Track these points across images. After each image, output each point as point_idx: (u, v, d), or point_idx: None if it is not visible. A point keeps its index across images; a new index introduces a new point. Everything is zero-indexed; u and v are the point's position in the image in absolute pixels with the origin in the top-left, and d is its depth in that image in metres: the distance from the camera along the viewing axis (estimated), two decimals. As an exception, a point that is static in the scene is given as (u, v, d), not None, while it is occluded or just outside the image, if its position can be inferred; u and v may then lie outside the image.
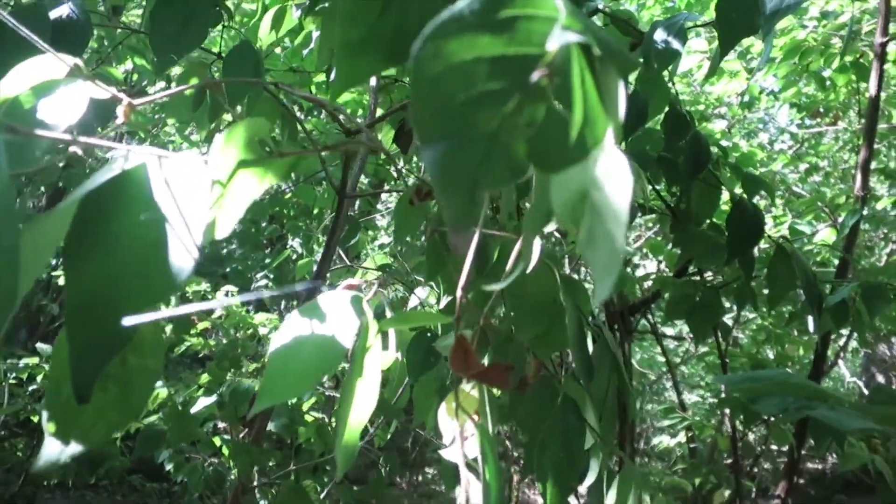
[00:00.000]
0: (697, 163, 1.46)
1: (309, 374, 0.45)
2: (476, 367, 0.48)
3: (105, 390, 0.39)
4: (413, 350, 1.30)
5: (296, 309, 0.49)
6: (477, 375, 0.49)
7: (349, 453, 0.48)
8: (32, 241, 0.40)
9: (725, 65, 3.02)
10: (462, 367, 0.48)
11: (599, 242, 0.28)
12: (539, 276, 0.65)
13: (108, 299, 0.37)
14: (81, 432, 0.38)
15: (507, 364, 0.50)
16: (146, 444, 2.14)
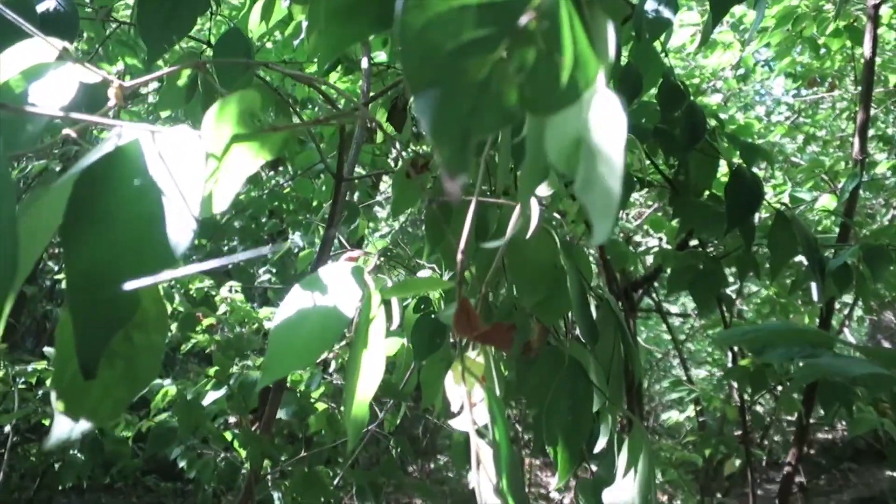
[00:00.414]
0: (694, 133, 1.46)
1: (313, 345, 0.45)
2: (479, 328, 0.48)
3: (112, 367, 0.39)
4: (418, 332, 1.30)
5: (297, 283, 0.49)
6: (480, 337, 0.49)
7: (359, 425, 0.48)
8: (29, 222, 0.40)
9: (719, 36, 3.00)
10: (465, 328, 0.48)
11: (596, 185, 0.28)
12: (539, 242, 0.64)
13: (107, 275, 0.37)
14: (90, 409, 0.39)
15: (509, 324, 0.50)
16: (158, 441, 2.15)
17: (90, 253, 0.38)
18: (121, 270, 0.37)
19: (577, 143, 0.30)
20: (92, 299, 0.37)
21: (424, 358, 1.29)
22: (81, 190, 0.39)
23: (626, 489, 0.63)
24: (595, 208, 0.28)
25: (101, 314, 0.37)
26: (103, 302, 0.37)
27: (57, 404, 0.39)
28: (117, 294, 0.37)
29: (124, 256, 0.37)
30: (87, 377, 0.36)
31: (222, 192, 0.43)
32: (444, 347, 1.36)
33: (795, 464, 2.09)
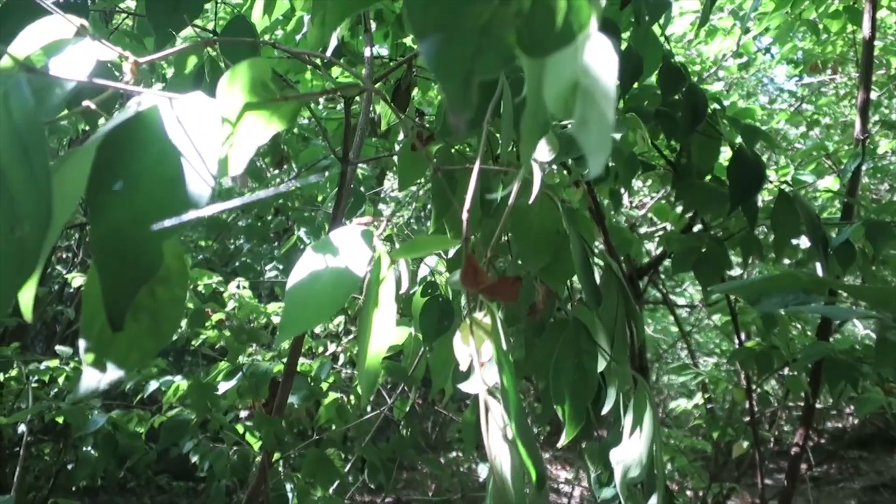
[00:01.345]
0: (695, 114, 1.48)
1: (325, 304, 0.47)
2: (485, 282, 0.50)
3: (137, 320, 0.41)
4: (426, 315, 1.32)
5: (309, 246, 0.51)
6: (486, 290, 0.51)
7: (371, 379, 0.50)
8: (56, 186, 0.42)
9: (719, 23, 3.01)
10: (472, 283, 0.50)
11: (591, 123, 0.30)
12: (541, 209, 0.66)
13: (132, 234, 0.39)
14: (117, 359, 0.41)
15: (514, 277, 0.51)
16: (170, 433, 2.18)
17: (115, 213, 0.40)
18: (145, 228, 0.39)
19: (573, 87, 0.32)
20: (118, 256, 0.39)
21: (433, 341, 1.31)
22: (104, 154, 0.41)
23: (632, 448, 0.65)
24: (590, 144, 0.30)
25: (127, 269, 0.39)
26: (129, 258, 0.39)
27: (85, 357, 0.41)
28: (142, 250, 0.39)
29: (147, 215, 0.39)
30: (115, 329, 0.38)
31: (237, 156, 0.45)
32: (451, 330, 1.38)
33: (803, 444, 2.11)
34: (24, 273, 0.32)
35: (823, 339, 1.86)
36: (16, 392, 2.66)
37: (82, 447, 2.66)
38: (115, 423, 2.28)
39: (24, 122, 0.33)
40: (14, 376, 2.61)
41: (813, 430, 5.54)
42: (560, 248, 0.66)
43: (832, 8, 2.18)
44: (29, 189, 0.32)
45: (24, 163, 0.32)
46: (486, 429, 0.53)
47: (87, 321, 0.41)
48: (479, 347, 0.54)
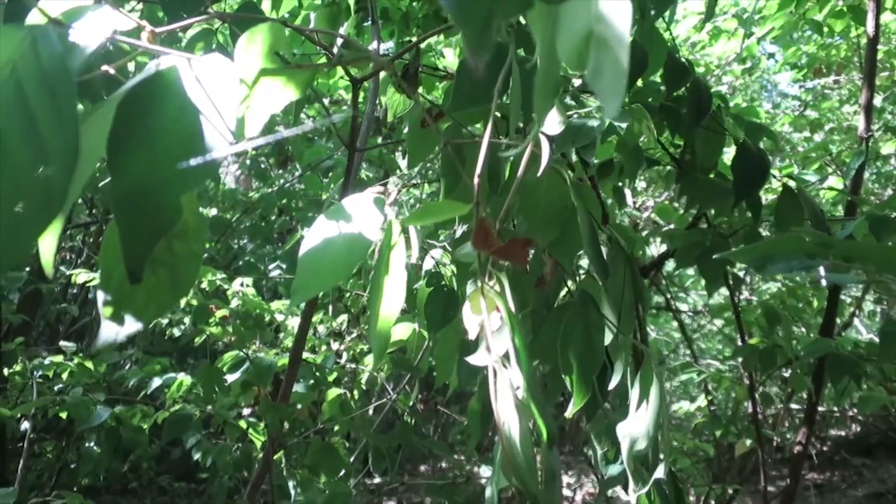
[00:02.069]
0: (700, 108, 1.48)
1: (339, 267, 0.48)
2: (496, 244, 0.50)
3: (155, 274, 0.42)
4: (431, 305, 1.33)
5: (322, 213, 0.52)
6: (497, 251, 0.51)
7: (383, 340, 0.50)
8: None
9: (723, 24, 3.02)
10: (483, 244, 0.51)
11: (605, 70, 0.31)
12: (550, 183, 0.67)
13: (152, 188, 0.40)
14: (136, 312, 0.41)
15: (524, 239, 0.52)
16: (174, 427, 2.19)
17: (135, 168, 0.40)
18: (164, 182, 0.40)
19: (586, 39, 0.33)
20: (137, 209, 0.40)
21: (438, 330, 1.32)
22: (124, 111, 0.41)
23: (639, 421, 0.65)
24: (605, 90, 0.30)
25: (146, 222, 0.39)
26: (148, 211, 0.39)
27: (104, 310, 0.41)
28: (161, 203, 0.40)
29: (167, 169, 0.40)
30: (133, 282, 0.39)
31: (254, 119, 0.46)
32: (456, 321, 1.38)
33: (806, 443, 2.11)
34: (50, 213, 0.32)
35: (826, 336, 1.86)
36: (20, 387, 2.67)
37: (85, 443, 2.67)
38: (118, 418, 2.29)
39: (52, 67, 0.33)
40: (18, 371, 2.62)
41: (816, 437, 5.52)
42: (568, 223, 0.66)
43: (836, 8, 2.19)
44: (57, 130, 0.33)
45: (53, 105, 0.33)
46: (495, 395, 0.54)
47: (105, 275, 0.42)
48: (489, 314, 0.54)
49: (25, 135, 0.32)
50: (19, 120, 0.32)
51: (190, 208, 0.43)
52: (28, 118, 0.32)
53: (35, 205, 0.32)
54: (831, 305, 2.03)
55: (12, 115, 0.32)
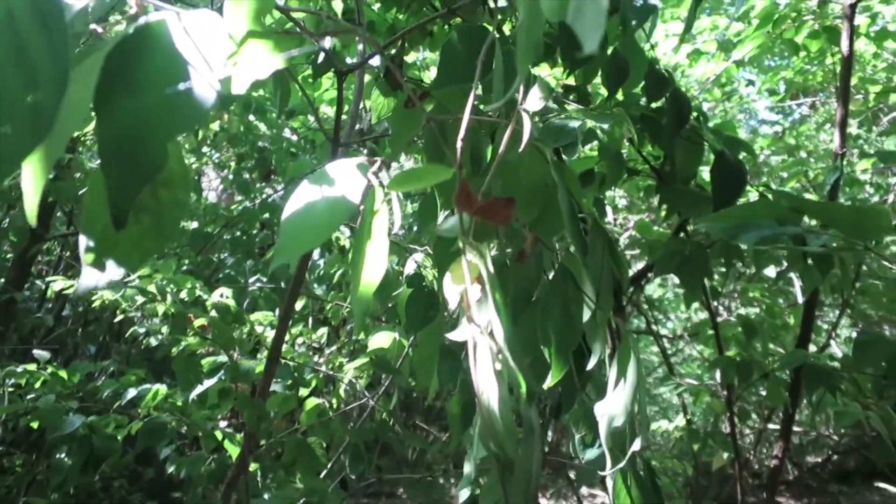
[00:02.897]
0: (680, 118, 1.51)
1: (321, 229, 0.48)
2: (478, 204, 0.51)
3: (139, 221, 0.42)
4: (412, 305, 1.33)
5: (306, 179, 0.52)
6: (480, 211, 0.52)
7: (364, 305, 0.51)
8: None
9: (703, 46, 3.08)
10: (465, 204, 0.51)
11: (586, 10, 0.32)
12: (531, 162, 0.68)
13: (139, 134, 0.40)
14: (119, 258, 0.41)
15: (506, 198, 0.53)
16: (148, 436, 2.15)
17: (122, 115, 0.41)
18: (151, 129, 0.40)
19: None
20: (124, 154, 0.40)
21: (418, 330, 1.32)
22: (113, 60, 0.42)
23: (616, 399, 0.66)
24: (585, 28, 0.31)
25: (132, 167, 0.40)
26: (134, 156, 0.40)
27: (86, 257, 0.41)
28: (147, 149, 0.40)
29: (154, 116, 0.40)
30: (118, 227, 0.39)
31: (240, 77, 0.47)
32: (437, 321, 1.38)
33: (782, 457, 2.12)
34: (38, 136, 0.33)
35: (802, 347, 1.88)
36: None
37: (56, 454, 2.61)
38: (91, 426, 2.25)
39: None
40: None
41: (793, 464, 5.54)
42: (549, 202, 0.67)
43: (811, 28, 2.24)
44: (47, 55, 0.33)
45: (44, 31, 0.33)
46: (474, 365, 0.54)
47: (88, 221, 0.42)
48: (471, 285, 0.55)
49: (16, 61, 0.32)
50: (10, 46, 0.32)
51: (175, 157, 0.43)
52: (19, 45, 0.32)
53: (23, 128, 0.32)
54: (807, 319, 2.06)
55: (3, 41, 0.32)
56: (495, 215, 0.52)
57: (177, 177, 0.43)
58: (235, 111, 4.12)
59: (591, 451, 0.80)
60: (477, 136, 0.71)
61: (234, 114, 4.17)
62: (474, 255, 0.51)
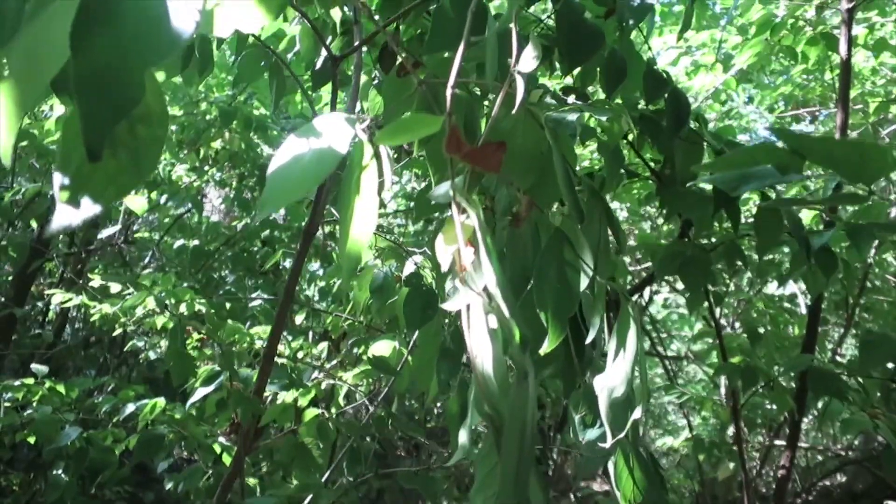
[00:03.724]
0: (679, 118, 1.50)
1: (308, 178, 0.47)
2: (468, 149, 0.49)
3: (116, 157, 0.41)
4: (410, 303, 1.31)
5: (292, 133, 0.51)
6: (468, 156, 0.50)
7: (353, 260, 0.49)
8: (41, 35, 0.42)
9: (702, 58, 3.09)
10: (455, 149, 0.50)
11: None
12: (525, 127, 0.67)
13: (114, 65, 0.39)
14: (94, 194, 0.40)
15: (497, 143, 0.51)
16: (145, 448, 2.12)
17: (98, 48, 0.39)
18: (127, 60, 0.39)
19: None
20: (99, 86, 0.39)
21: (417, 328, 1.30)
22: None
23: (616, 372, 0.64)
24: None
25: (108, 99, 0.38)
26: (110, 88, 0.38)
27: (60, 194, 0.40)
28: (123, 81, 0.39)
29: (131, 47, 0.39)
30: (93, 160, 0.38)
31: (223, 18, 0.46)
32: (436, 320, 1.36)
33: (790, 466, 2.08)
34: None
35: (808, 352, 1.86)
36: (-13, 410, 2.58)
37: (53, 471, 2.58)
38: (87, 438, 2.22)
39: None
40: (-14, 395, 2.54)
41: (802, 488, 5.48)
42: (545, 169, 0.66)
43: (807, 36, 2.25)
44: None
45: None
46: (468, 327, 0.52)
47: (63, 157, 0.40)
48: (463, 248, 0.53)
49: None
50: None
51: (154, 93, 0.42)
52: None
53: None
54: (811, 326, 2.03)
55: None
56: (486, 160, 0.51)
57: (155, 114, 0.42)
58: (237, 129, 4.14)
59: (591, 430, 0.78)
60: (471, 107, 0.70)
61: (235, 132, 4.19)
62: (466, 204, 0.50)
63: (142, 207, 2.84)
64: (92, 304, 2.73)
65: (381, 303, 1.65)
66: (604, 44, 1.51)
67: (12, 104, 0.41)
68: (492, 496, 0.51)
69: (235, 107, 3.92)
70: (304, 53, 1.77)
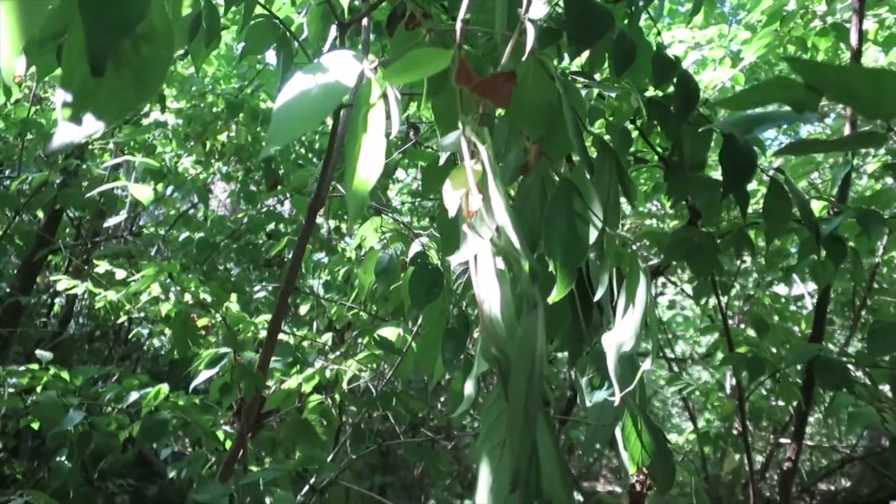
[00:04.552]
0: (688, 102, 1.49)
1: (315, 112, 0.46)
2: (477, 80, 0.49)
3: (119, 75, 0.40)
4: (415, 282, 1.30)
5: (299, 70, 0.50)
6: (478, 87, 0.50)
7: (359, 199, 0.48)
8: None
9: (710, 53, 3.08)
10: (465, 80, 0.49)
11: None
12: (535, 78, 0.66)
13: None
14: (97, 110, 0.39)
15: (507, 73, 0.50)
16: (148, 433, 2.12)
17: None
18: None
19: None
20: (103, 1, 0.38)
21: (422, 307, 1.29)
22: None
23: (625, 325, 0.63)
24: None
25: (112, 15, 0.38)
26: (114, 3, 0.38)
27: (63, 111, 0.39)
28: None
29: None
30: (96, 74, 0.37)
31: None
32: (441, 300, 1.36)
33: (795, 459, 2.06)
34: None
35: (815, 342, 1.84)
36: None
37: (55, 456, 2.58)
38: (91, 423, 2.21)
39: None
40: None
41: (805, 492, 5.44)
42: (554, 121, 0.65)
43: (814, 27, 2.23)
44: None
45: None
46: (476, 271, 0.51)
47: (66, 74, 0.40)
48: (471, 195, 0.52)
49: None
50: None
51: (158, 13, 0.41)
52: None
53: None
54: (819, 318, 2.02)
55: None
56: (495, 92, 0.50)
57: (159, 33, 0.41)
58: (243, 122, 4.14)
59: (598, 392, 0.76)
60: (478, 62, 0.69)
61: (242, 124, 4.19)
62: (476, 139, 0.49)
63: (148, 198, 2.84)
64: (97, 290, 2.73)
65: (385, 287, 1.64)
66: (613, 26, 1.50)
67: (16, 22, 0.40)
68: (498, 443, 0.50)
69: (242, 98, 3.92)
70: (312, 39, 1.77)
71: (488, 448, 0.52)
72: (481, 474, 0.51)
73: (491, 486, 0.50)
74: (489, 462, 0.50)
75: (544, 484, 0.46)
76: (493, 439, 0.51)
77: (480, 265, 0.51)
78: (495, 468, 0.49)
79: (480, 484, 0.51)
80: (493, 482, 0.50)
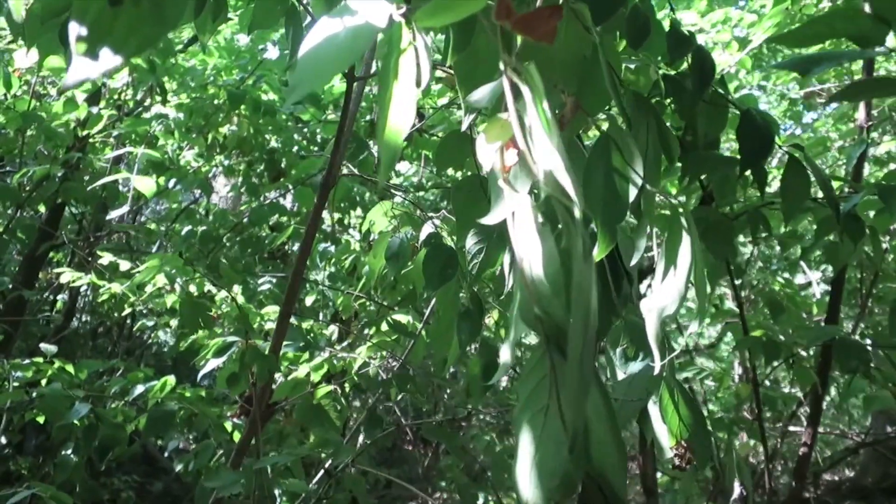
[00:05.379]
0: (703, 77, 1.45)
1: (343, 55, 0.43)
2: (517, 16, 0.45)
3: (138, 5, 0.37)
4: (429, 262, 1.27)
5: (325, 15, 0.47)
6: (520, 22, 0.46)
7: (392, 151, 0.45)
8: None
9: (717, 36, 3.04)
10: (505, 16, 0.46)
11: None
12: (566, 30, 0.63)
13: None
14: (114, 44, 0.36)
15: (551, 7, 0.47)
16: (156, 424, 2.09)
17: None
18: None
19: None
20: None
21: (437, 288, 1.26)
22: None
23: (667, 288, 0.59)
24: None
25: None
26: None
27: (77, 46, 0.36)
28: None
29: None
30: (114, 3, 0.34)
31: None
32: (455, 282, 1.33)
33: (811, 443, 2.04)
34: None
35: (831, 323, 1.82)
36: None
37: (61, 450, 2.55)
38: (97, 415, 2.18)
39: None
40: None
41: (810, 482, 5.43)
42: (589, 75, 0.62)
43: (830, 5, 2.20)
44: None
45: None
46: (513, 228, 0.48)
47: (80, 8, 0.37)
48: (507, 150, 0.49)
49: None
50: None
51: (180, -60, 0.38)
52: None
53: None
54: (834, 299, 1.99)
55: None
56: (538, 28, 0.47)
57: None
58: (245, 113, 4.10)
59: (633, 364, 0.73)
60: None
61: (244, 116, 4.15)
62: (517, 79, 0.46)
63: (150, 189, 2.81)
64: (101, 282, 2.70)
65: (396, 271, 1.61)
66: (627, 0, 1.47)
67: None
68: (540, 410, 0.47)
69: (244, 90, 3.88)
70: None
71: (529, 416, 0.49)
72: (521, 445, 0.48)
73: (534, 457, 0.47)
74: (531, 430, 0.47)
75: (594, 451, 0.43)
76: (535, 406, 0.48)
77: (519, 222, 0.48)
78: (538, 436, 0.46)
79: (521, 455, 0.48)
80: (535, 452, 0.47)
